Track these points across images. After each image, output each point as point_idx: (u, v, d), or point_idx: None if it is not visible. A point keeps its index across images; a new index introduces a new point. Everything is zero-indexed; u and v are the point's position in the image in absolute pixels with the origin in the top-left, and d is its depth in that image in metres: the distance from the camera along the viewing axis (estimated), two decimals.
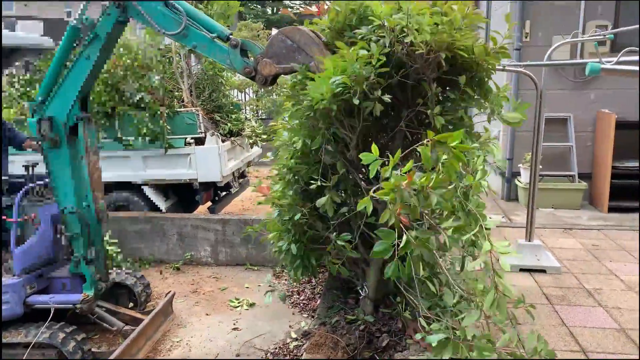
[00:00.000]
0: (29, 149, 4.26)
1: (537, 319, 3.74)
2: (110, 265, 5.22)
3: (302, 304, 4.55)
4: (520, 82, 6.99)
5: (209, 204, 6.63)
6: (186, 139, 5.91)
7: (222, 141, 6.07)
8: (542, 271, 4.72)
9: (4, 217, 3.78)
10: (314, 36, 2.88)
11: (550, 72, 6.64)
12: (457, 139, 1.96)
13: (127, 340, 3.58)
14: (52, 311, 3.69)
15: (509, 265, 1.88)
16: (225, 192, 6.91)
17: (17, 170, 4.49)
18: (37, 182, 4.00)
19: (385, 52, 2.55)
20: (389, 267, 2.12)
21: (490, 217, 2.05)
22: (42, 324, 3.59)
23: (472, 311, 2.11)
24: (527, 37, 6.94)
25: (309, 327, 3.77)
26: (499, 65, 2.94)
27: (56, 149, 3.58)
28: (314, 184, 2.99)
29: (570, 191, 6.91)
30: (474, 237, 2.00)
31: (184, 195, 6.43)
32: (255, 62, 3.04)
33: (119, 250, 5.46)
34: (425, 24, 2.49)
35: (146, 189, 6.03)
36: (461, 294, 2.43)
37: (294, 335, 3.89)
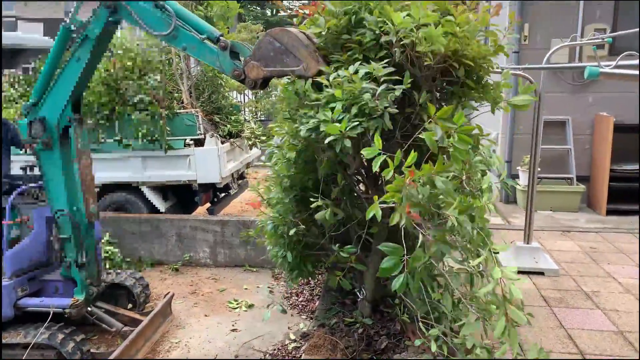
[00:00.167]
0: (29, 149, 4.26)
1: (535, 322, 3.75)
2: (110, 265, 5.23)
3: (300, 306, 4.56)
4: (518, 85, 6.99)
5: (208, 205, 6.63)
6: (185, 140, 5.92)
7: (222, 142, 6.08)
8: (541, 273, 4.72)
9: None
10: (303, 37, 2.74)
11: (548, 75, 6.67)
12: (459, 118, 1.96)
13: (126, 341, 3.58)
14: (50, 313, 3.67)
15: (520, 292, 1.83)
16: (224, 194, 6.92)
17: (16, 171, 4.48)
18: (30, 184, 3.96)
19: (386, 60, 2.50)
20: (396, 280, 2.04)
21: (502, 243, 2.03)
22: (40, 325, 3.58)
23: (471, 318, 2.08)
24: (525, 40, 6.95)
25: (307, 329, 3.78)
26: (498, 67, 2.93)
27: (48, 150, 3.57)
28: (312, 194, 2.88)
29: (568, 194, 6.92)
30: (484, 261, 1.98)
31: (183, 196, 6.43)
32: (243, 64, 2.93)
33: (117, 250, 5.48)
34: (438, 35, 2.38)
35: (145, 190, 6.03)
36: (459, 298, 2.42)
37: (292, 336, 3.89)
